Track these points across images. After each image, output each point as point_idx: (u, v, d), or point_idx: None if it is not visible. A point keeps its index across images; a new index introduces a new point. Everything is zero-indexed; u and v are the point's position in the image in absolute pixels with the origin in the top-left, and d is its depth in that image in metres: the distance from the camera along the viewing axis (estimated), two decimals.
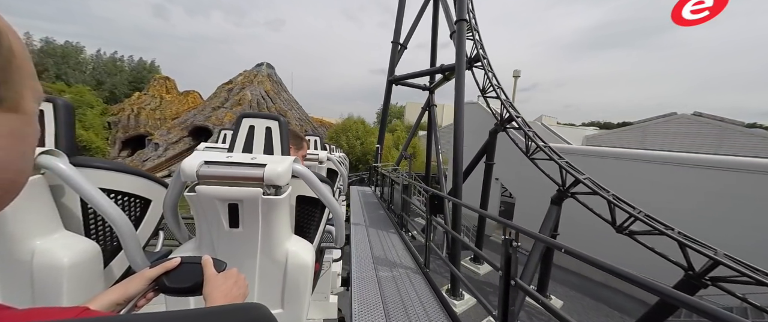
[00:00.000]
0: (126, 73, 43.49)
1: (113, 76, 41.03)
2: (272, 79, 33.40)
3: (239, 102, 28.64)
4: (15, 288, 0.83)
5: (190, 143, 25.84)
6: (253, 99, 29.14)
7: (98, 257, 0.96)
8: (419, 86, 13.68)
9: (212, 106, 28.82)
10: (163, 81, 33.54)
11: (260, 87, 30.99)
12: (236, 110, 26.95)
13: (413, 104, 48.78)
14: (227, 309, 0.44)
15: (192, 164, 0.96)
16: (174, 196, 1.08)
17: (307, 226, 1.43)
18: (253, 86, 30.67)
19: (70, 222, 0.96)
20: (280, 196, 1.04)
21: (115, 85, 40.27)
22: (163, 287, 0.62)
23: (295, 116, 31.26)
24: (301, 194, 1.35)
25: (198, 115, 27.82)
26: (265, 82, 32.07)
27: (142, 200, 1.18)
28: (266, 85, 31.81)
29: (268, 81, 32.51)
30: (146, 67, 45.59)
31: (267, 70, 33.58)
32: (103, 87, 38.56)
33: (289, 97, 34.50)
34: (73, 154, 0.93)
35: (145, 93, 32.07)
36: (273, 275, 1.16)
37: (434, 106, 13.42)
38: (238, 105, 28.30)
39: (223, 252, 1.09)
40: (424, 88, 13.69)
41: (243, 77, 32.28)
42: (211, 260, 0.65)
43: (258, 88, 30.72)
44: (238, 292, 0.63)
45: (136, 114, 28.86)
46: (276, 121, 1.21)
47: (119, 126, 27.73)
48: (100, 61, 42.48)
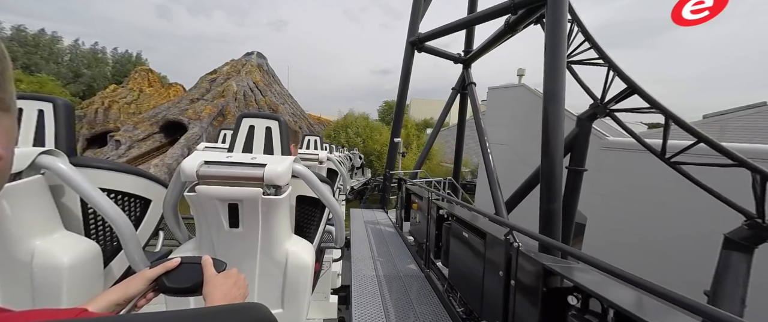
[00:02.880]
0: (108, 65, 39.55)
1: (93, 69, 36.66)
2: (263, 70, 29.84)
3: (222, 94, 24.77)
4: (15, 288, 0.83)
5: (161, 141, 21.61)
6: (239, 90, 25.51)
7: (98, 257, 0.96)
8: (451, 56, 9.03)
9: (190, 98, 24.59)
10: (145, 73, 29.48)
11: (248, 78, 27.35)
12: (218, 102, 23.56)
13: (419, 101, 44.88)
14: (227, 309, 0.44)
15: (192, 164, 0.96)
16: (174, 196, 1.08)
17: (307, 226, 1.43)
18: (240, 77, 26.98)
19: (70, 222, 0.96)
20: (280, 196, 1.04)
21: (95, 78, 35.76)
22: (163, 288, 0.62)
23: (287, 111, 27.59)
24: (301, 193, 1.35)
25: (172, 108, 23.33)
26: (253, 72, 28.36)
27: (142, 200, 1.18)
28: (255, 75, 28.14)
29: (258, 71, 28.84)
30: (132, 60, 40.87)
31: (257, 60, 29.93)
32: (80, 80, 34.91)
33: (282, 90, 30.91)
34: (73, 154, 0.93)
35: (123, 86, 28.05)
36: (273, 275, 1.16)
37: (472, 84, 8.29)
38: (220, 97, 24.43)
39: (223, 252, 1.09)
40: (457, 60, 8.99)
41: (229, 67, 28.42)
42: (211, 261, 0.65)
43: (246, 78, 27.06)
44: (238, 292, 0.63)
45: (107, 108, 24.58)
46: (276, 122, 1.21)
47: (84, 121, 23.23)
48: (77, 52, 37.91)
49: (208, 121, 22.07)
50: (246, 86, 26.34)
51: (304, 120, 29.48)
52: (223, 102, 23.89)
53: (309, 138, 3.72)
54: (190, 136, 20.87)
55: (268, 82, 29.50)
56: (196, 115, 22.58)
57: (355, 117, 26.06)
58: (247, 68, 28.46)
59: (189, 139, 20.66)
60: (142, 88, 27.90)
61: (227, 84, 25.81)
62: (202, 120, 22.04)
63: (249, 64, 28.97)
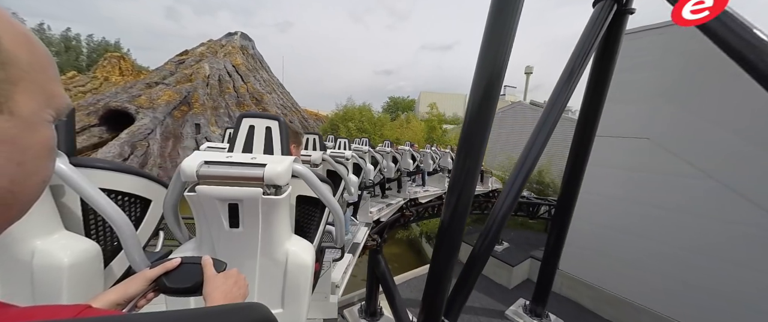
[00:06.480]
0: (82, 54, 35.73)
1: (61, 56, 32.31)
2: (247, 53, 24.78)
3: (190, 77, 20.20)
4: (15, 288, 0.83)
5: (101, 136, 16.78)
6: (213, 74, 20.86)
7: (98, 257, 0.96)
8: None
9: (146, 82, 19.84)
10: (116, 60, 24.60)
11: (227, 60, 22.65)
12: (183, 88, 19.18)
13: (428, 94, 41.22)
14: (227, 309, 0.44)
15: (192, 164, 0.96)
16: (174, 196, 1.08)
17: (307, 226, 1.43)
18: (216, 59, 22.27)
19: (70, 222, 0.96)
20: (280, 196, 1.04)
21: (62, 66, 30.06)
22: (163, 288, 0.62)
23: (275, 102, 23.05)
24: (301, 193, 1.35)
25: (120, 95, 18.67)
26: (234, 54, 23.51)
27: (142, 200, 1.18)
28: (236, 58, 23.24)
29: (240, 54, 23.86)
30: (109, 48, 35.77)
31: (241, 41, 24.96)
32: None
33: (271, 79, 25.54)
34: (72, 154, 0.93)
35: (87, 74, 23.73)
36: (273, 275, 1.16)
37: None
38: (187, 81, 19.96)
39: (223, 252, 1.09)
40: None
41: (205, 47, 23.55)
42: (211, 261, 0.65)
43: (223, 61, 22.45)
44: (238, 292, 0.63)
45: None
46: (276, 122, 1.22)
47: None
48: (43, 37, 32.17)
49: (165, 110, 17.59)
50: (222, 70, 21.68)
51: (297, 113, 25.32)
52: (189, 87, 19.31)
53: (307, 136, 3.69)
54: (136, 130, 16.36)
55: (253, 67, 24.34)
56: (150, 102, 18.04)
57: (357, 109, 22.69)
58: (227, 49, 23.54)
59: (134, 133, 16.21)
60: (109, 76, 23.15)
61: (198, 66, 21.17)
62: (157, 109, 17.25)
63: (229, 45, 23.99)
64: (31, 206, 0.34)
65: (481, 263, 3.43)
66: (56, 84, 0.34)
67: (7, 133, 0.29)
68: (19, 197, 0.31)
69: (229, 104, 20.47)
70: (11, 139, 0.30)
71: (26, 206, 0.33)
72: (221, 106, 20.11)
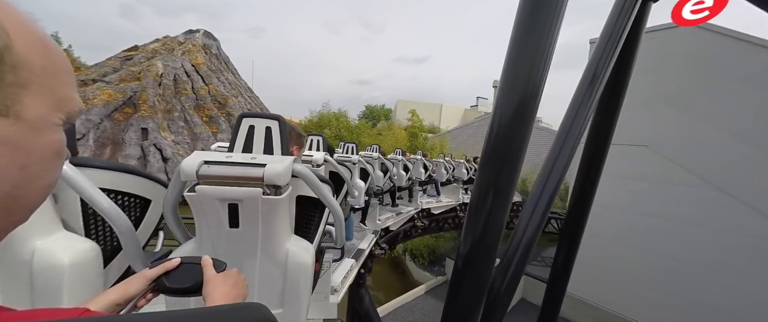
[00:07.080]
0: None
1: None
2: (210, 52, 21.86)
3: (138, 76, 17.25)
4: (15, 288, 0.83)
5: None
6: (168, 73, 18.20)
7: (98, 257, 0.96)
8: None
9: (81, 79, 16.78)
10: None
11: (185, 58, 19.89)
12: (128, 87, 16.30)
13: (405, 103, 39.86)
14: (227, 309, 0.44)
15: (192, 164, 0.96)
16: (174, 196, 1.08)
17: (307, 226, 1.43)
18: (173, 56, 19.52)
19: (70, 222, 0.96)
20: (280, 196, 1.04)
21: None
22: (162, 288, 0.62)
23: (242, 106, 20.50)
24: (301, 194, 1.35)
25: None
26: (194, 52, 20.66)
27: (142, 200, 1.18)
28: (196, 57, 20.41)
29: (201, 53, 20.96)
30: None
31: (204, 40, 22.03)
32: None
33: (237, 81, 22.80)
34: (73, 154, 0.93)
35: None
36: (273, 275, 1.16)
37: None
38: (134, 79, 16.99)
39: (223, 252, 1.09)
40: None
41: (160, 44, 20.64)
42: (211, 261, 0.65)
43: (181, 59, 19.63)
44: (237, 292, 0.63)
45: None
46: (276, 122, 1.22)
47: None
48: None
49: (102, 112, 14.85)
50: (179, 68, 19.15)
51: None
52: (136, 86, 16.54)
53: (312, 138, 3.68)
54: None
55: (217, 68, 21.66)
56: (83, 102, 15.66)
57: (333, 115, 21.52)
58: (187, 47, 20.92)
59: None
60: None
61: (149, 64, 18.60)
62: (91, 110, 14.61)
63: (189, 43, 21.26)
64: (35, 210, 0.34)
65: (502, 307, 2.58)
66: (69, 88, 0.34)
67: (11, 137, 0.28)
68: (21, 202, 0.31)
69: (186, 107, 17.61)
70: (15, 143, 0.29)
71: (29, 211, 0.33)
72: (176, 109, 17.17)
